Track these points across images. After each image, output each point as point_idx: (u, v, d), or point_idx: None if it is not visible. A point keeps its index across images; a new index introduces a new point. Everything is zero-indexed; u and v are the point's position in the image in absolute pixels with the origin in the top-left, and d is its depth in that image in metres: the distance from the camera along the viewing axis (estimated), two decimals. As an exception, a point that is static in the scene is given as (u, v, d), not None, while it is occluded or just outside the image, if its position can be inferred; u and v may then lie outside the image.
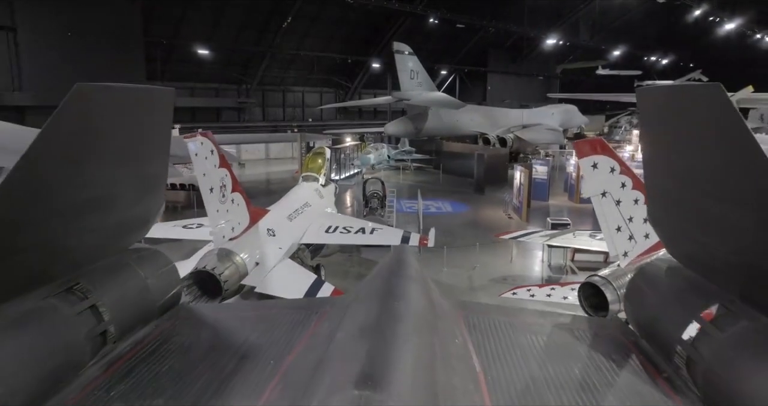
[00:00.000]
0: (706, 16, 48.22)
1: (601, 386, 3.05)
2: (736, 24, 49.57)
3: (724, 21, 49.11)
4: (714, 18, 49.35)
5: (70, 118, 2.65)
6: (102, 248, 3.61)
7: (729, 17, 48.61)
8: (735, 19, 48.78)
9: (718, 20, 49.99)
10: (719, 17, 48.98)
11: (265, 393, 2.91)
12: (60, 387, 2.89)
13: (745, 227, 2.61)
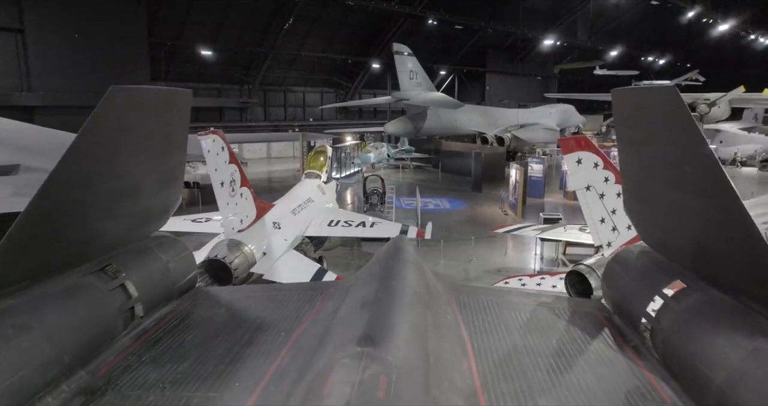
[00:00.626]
0: (700, 17, 48.88)
1: (575, 353, 3.35)
2: (730, 25, 50.20)
3: (718, 22, 49.73)
4: (707, 19, 50.01)
5: (104, 117, 2.91)
6: (129, 234, 3.96)
7: (722, 19, 49.24)
8: (728, 20, 49.39)
9: (711, 22, 50.63)
10: (712, 19, 49.62)
11: (278, 358, 3.19)
12: (99, 352, 3.25)
13: (699, 213, 2.94)
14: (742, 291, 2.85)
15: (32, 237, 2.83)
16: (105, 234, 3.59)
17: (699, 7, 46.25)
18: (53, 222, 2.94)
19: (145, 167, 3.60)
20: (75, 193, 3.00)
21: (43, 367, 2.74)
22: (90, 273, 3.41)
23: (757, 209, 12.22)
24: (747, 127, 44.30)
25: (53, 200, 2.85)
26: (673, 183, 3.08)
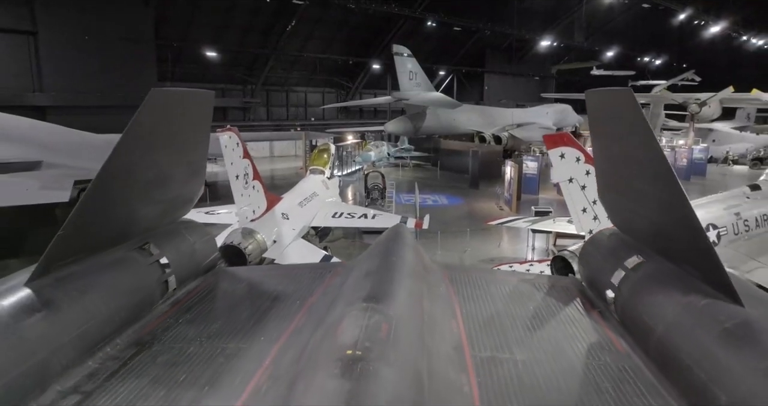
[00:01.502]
0: (692, 19, 49.81)
1: (548, 316, 3.87)
2: (722, 27, 51.11)
3: (710, 24, 50.65)
4: (699, 21, 50.92)
5: (145, 115, 3.26)
6: (161, 218, 4.38)
7: (714, 20, 50.15)
8: (720, 22, 50.30)
9: (703, 23, 51.54)
10: (704, 20, 50.53)
11: (295, 319, 3.65)
12: (142, 315, 3.73)
13: (652, 198, 3.40)
14: (684, 260, 3.30)
15: (88, 219, 3.29)
16: (142, 217, 4.04)
17: (690, 9, 47.17)
18: (104, 206, 3.38)
19: (175, 160, 4.02)
20: (120, 182, 3.42)
21: (101, 323, 3.26)
22: (132, 249, 3.89)
23: (729, 201, 13.20)
24: (739, 127, 45.20)
25: (104, 188, 3.27)
26: (633, 173, 3.57)
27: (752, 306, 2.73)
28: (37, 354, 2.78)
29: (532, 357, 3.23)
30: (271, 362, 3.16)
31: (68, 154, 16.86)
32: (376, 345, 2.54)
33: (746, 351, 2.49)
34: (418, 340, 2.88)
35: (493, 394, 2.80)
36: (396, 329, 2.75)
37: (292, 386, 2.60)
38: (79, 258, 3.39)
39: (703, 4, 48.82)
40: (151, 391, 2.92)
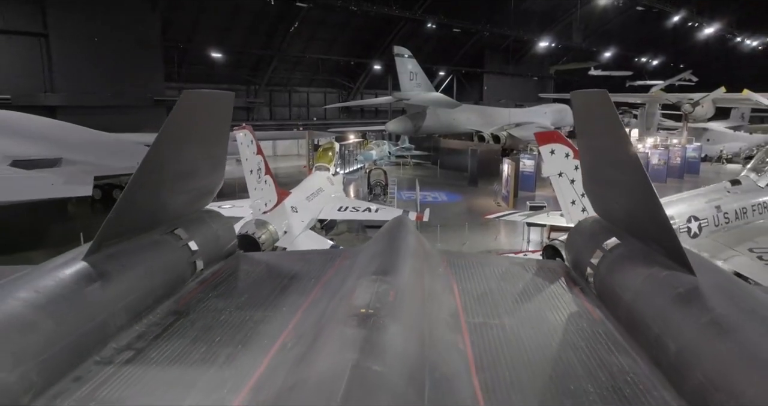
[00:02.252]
0: (686, 21, 50.71)
1: (535, 292, 4.23)
2: (717, 28, 52.02)
3: (704, 26, 51.56)
4: (693, 23, 51.80)
5: (178, 114, 3.57)
6: (188, 207, 4.69)
7: (708, 22, 51.07)
8: (714, 23, 51.21)
9: (696, 25, 52.44)
10: (697, 22, 51.43)
11: (312, 293, 4.00)
12: (175, 291, 4.05)
13: (625, 187, 3.77)
14: (651, 240, 3.70)
15: (130, 205, 3.66)
16: (172, 205, 4.36)
17: (684, 11, 48.07)
18: (143, 195, 3.75)
19: (200, 154, 4.33)
20: (156, 174, 3.78)
21: (144, 294, 3.65)
22: (165, 233, 4.23)
23: (711, 195, 14.05)
24: (734, 126, 46.03)
25: (143, 179, 3.60)
26: (610, 166, 3.96)
27: (702, 274, 3.18)
28: (96, 317, 3.20)
29: (518, 323, 3.62)
30: (295, 325, 3.52)
31: (85, 152, 17.71)
32: (385, 306, 2.90)
33: (692, 309, 2.91)
34: (420, 306, 3.26)
35: (484, 350, 3.17)
36: (401, 296, 3.12)
37: (314, 340, 2.92)
38: (123, 239, 3.78)
39: (698, 6, 49.75)
40: (192, 348, 3.30)
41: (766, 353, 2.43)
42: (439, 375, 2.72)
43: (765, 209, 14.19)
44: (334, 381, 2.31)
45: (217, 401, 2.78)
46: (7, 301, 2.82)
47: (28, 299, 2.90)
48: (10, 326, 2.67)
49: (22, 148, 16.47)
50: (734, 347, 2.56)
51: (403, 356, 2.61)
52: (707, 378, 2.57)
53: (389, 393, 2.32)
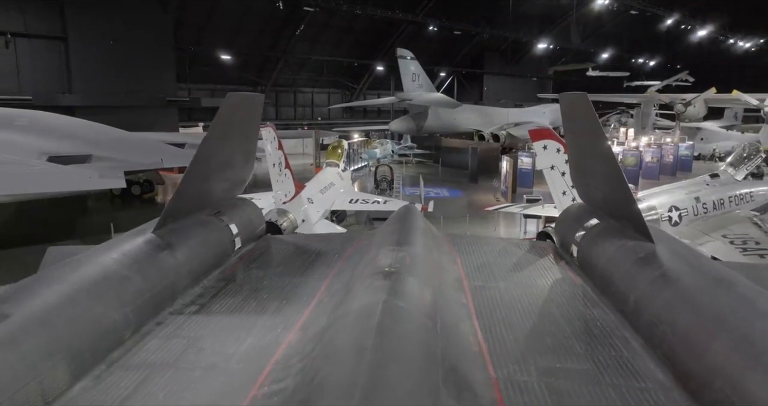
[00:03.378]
0: (680, 24, 52.10)
1: (528, 264, 4.79)
2: (710, 31, 53.42)
3: (697, 28, 52.94)
4: (686, 26, 53.19)
5: (223, 113, 4.13)
6: (226, 193, 5.25)
7: (700, 25, 52.45)
8: (707, 26, 52.60)
9: (689, 28, 53.84)
10: (690, 25, 52.82)
11: (339, 264, 4.59)
12: (221, 263, 4.66)
13: (602, 176, 4.40)
14: (623, 218, 4.28)
15: (185, 190, 4.27)
16: (215, 191, 4.96)
17: (677, 14, 49.43)
18: (195, 182, 4.38)
19: (236, 148, 4.88)
20: (204, 164, 4.35)
21: (200, 263, 4.23)
22: (210, 215, 4.76)
23: (691, 187, 15.33)
24: (727, 126, 47.27)
25: (195, 168, 4.19)
26: (591, 158, 4.59)
27: (659, 243, 3.82)
28: (168, 277, 3.76)
29: (512, 286, 4.22)
30: (327, 286, 4.04)
31: (112, 149, 19.02)
32: (403, 266, 3.40)
33: (648, 268, 3.48)
34: (430, 270, 3.77)
35: (483, 304, 3.73)
36: (415, 260, 3.62)
37: (347, 292, 3.41)
38: (180, 217, 4.34)
39: (690, 9, 51.07)
40: (244, 304, 3.84)
41: (700, 295, 3.03)
42: (447, 319, 3.17)
43: (741, 200, 15.46)
44: (369, 314, 2.78)
45: (272, 339, 3.28)
46: (106, 261, 3.48)
47: (120, 260, 3.54)
48: (114, 279, 3.34)
49: (56, 145, 17.79)
50: (676, 292, 3.15)
51: (420, 299, 3.10)
52: (655, 316, 3.14)
53: (412, 323, 2.82)
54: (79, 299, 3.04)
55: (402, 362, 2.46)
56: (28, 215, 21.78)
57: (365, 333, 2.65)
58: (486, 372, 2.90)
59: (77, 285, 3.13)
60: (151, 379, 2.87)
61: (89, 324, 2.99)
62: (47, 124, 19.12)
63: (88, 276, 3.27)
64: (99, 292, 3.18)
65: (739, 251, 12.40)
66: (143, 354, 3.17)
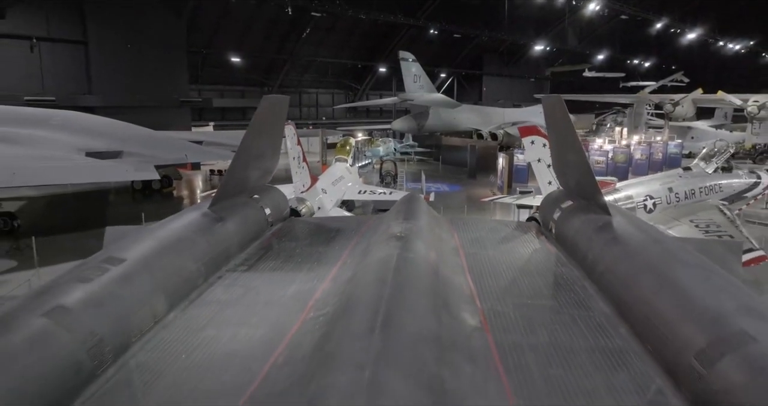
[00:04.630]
0: (669, 27, 53.94)
1: (513, 239, 5.54)
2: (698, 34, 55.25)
3: (686, 31, 54.81)
4: (676, 29, 55.07)
5: (259, 113, 4.92)
6: (258, 180, 5.94)
7: (690, 28, 54.32)
8: (696, 29, 54.49)
9: (679, 31, 55.70)
10: (680, 29, 54.69)
11: (354, 239, 5.23)
12: (258, 238, 5.35)
13: (574, 164, 5.19)
14: (589, 198, 5.04)
15: (231, 176, 5.16)
16: (251, 179, 5.69)
17: (666, 18, 51.25)
18: (238, 170, 5.18)
19: (267, 143, 5.64)
20: (245, 154, 5.18)
21: (243, 236, 4.96)
22: (248, 198, 5.55)
23: (665, 179, 17.08)
24: (717, 125, 48.88)
25: (239, 159, 5.05)
26: (566, 150, 5.39)
27: (614, 215, 4.64)
28: (222, 244, 4.54)
29: (499, 253, 4.96)
30: (349, 251, 4.81)
31: (140, 146, 20.76)
32: (412, 233, 4.15)
33: (603, 234, 4.28)
34: (433, 237, 4.54)
35: (474, 266, 4.50)
36: (420, 230, 4.39)
37: (367, 252, 4.08)
38: (226, 198, 5.11)
39: (680, 13, 52.87)
40: (283, 265, 4.63)
41: (642, 251, 3.79)
42: (445, 270, 3.93)
43: (710, 190, 17.21)
44: (387, 261, 3.54)
45: (311, 286, 3.98)
46: (179, 228, 4.34)
47: (189, 227, 4.38)
48: (187, 241, 4.19)
49: (90, 142, 19.53)
50: (621, 250, 3.92)
51: (425, 255, 3.84)
52: (605, 268, 3.90)
53: (419, 269, 3.57)
54: (167, 253, 3.93)
55: (413, 292, 3.21)
56: (57, 208, 23.58)
57: (385, 273, 3.36)
58: (474, 304, 3.67)
59: (164, 243, 4.05)
60: (223, 311, 3.73)
61: (176, 271, 3.89)
62: (79, 123, 20.84)
63: (170, 237, 4.18)
64: (180, 249, 4.06)
65: (702, 233, 14.15)
66: (214, 296, 3.97)
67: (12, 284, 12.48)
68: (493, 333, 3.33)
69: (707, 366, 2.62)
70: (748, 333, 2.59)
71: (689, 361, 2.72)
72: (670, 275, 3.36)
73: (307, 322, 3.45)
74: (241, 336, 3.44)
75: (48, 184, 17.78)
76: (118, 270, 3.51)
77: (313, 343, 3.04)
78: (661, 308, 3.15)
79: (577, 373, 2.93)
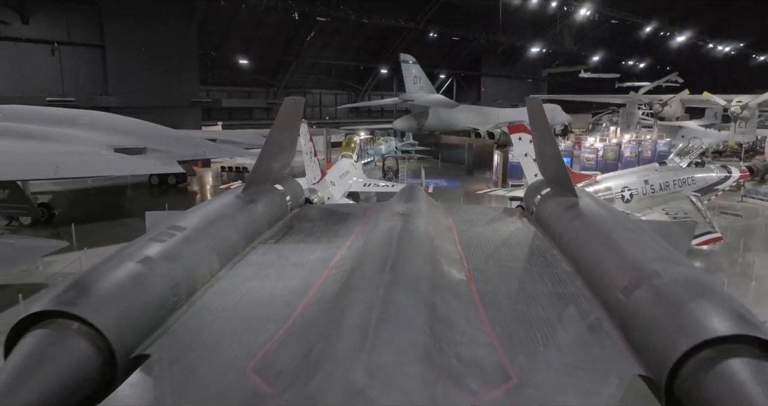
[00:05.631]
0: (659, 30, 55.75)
1: (500, 220, 6.11)
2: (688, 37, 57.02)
3: (675, 34, 56.62)
4: (665, 33, 56.88)
5: (281, 113, 5.70)
6: (278, 171, 6.50)
7: (679, 31, 56.13)
8: (685, 32, 56.28)
9: (669, 35, 57.51)
10: (670, 31, 56.51)
11: (363, 220, 5.74)
12: (281, 218, 5.96)
13: (551, 156, 5.80)
14: (562, 184, 5.63)
15: (258, 167, 5.80)
16: (273, 169, 6.24)
17: (656, 22, 53.03)
18: (263, 162, 5.86)
19: (286, 138, 6.28)
20: (269, 149, 5.85)
21: (271, 215, 5.61)
22: (271, 185, 6.09)
23: (642, 172, 18.80)
24: (707, 124, 50.57)
25: (265, 152, 5.75)
26: (544, 144, 6.14)
27: (580, 197, 5.27)
28: (255, 222, 5.17)
29: (487, 230, 5.59)
30: (360, 228, 5.40)
31: (162, 143, 22.50)
32: (412, 212, 4.93)
33: (569, 212, 4.94)
34: (430, 217, 5.27)
35: (464, 238, 5.14)
36: (420, 211, 5.16)
37: (375, 226, 4.79)
38: (255, 184, 5.75)
39: (669, 17, 54.61)
40: (305, 238, 5.29)
41: (596, 223, 4.56)
42: (440, 240, 4.73)
43: (683, 183, 18.92)
44: (392, 230, 4.34)
45: (330, 253, 4.70)
46: (219, 207, 5.00)
47: (228, 206, 5.08)
48: (228, 216, 4.83)
49: (117, 139, 21.25)
50: (582, 224, 4.64)
51: (424, 229, 4.60)
52: (570, 239, 4.61)
53: (419, 238, 4.38)
54: (215, 225, 4.67)
55: (413, 252, 3.94)
56: (83, 201, 25.34)
57: (391, 239, 4.13)
58: (462, 265, 4.45)
59: (211, 217, 4.83)
60: (262, 270, 4.51)
61: (222, 239, 4.62)
62: (105, 121, 22.57)
63: (215, 213, 4.94)
64: (223, 222, 4.76)
65: (670, 219, 15.90)
66: (252, 260, 4.72)
67: (63, 263, 14.24)
68: (476, 284, 4.17)
69: (627, 296, 3.50)
70: (657, 272, 3.68)
71: (617, 295, 3.60)
72: (614, 238, 4.24)
73: (330, 276, 4.27)
74: (280, 286, 4.33)
75: (85, 177, 19.51)
76: (182, 235, 4.43)
77: (337, 287, 3.85)
78: (603, 263, 4.02)
79: (537, 309, 3.81)
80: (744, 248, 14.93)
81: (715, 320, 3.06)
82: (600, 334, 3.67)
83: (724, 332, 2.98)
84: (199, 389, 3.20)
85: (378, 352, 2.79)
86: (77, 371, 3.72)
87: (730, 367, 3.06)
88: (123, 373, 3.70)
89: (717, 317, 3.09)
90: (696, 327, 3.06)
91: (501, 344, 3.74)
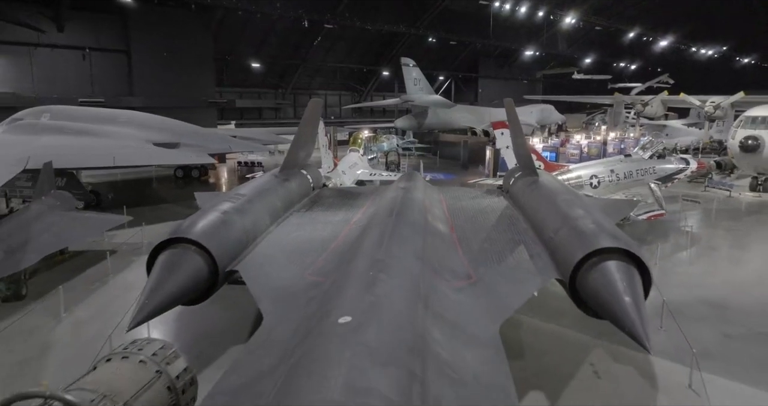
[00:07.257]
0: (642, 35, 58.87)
1: (482, 198, 10.80)
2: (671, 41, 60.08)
3: (659, 39, 59.81)
4: (648, 38, 60.07)
5: (306, 112, 11.33)
6: (302, 159, 10.83)
7: (662, 36, 59.27)
8: (667, 36, 59.39)
9: (652, 40, 60.67)
10: (653, 36, 59.69)
11: (371, 197, 10.55)
12: (307, 195, 10.95)
13: (521, 148, 11.50)
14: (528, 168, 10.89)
15: (290, 155, 10.67)
16: (299, 157, 10.65)
17: (639, 27, 56.15)
18: (293, 151, 11.00)
19: (309, 132, 11.22)
20: (298, 140, 10.87)
21: (301, 192, 10.72)
22: (299, 170, 10.68)
23: (609, 163, 21.87)
24: (691, 123, 53.54)
25: (294, 144, 10.94)
26: (517, 137, 11.83)
27: (540, 176, 10.08)
28: (289, 195, 9.44)
29: (470, 204, 9.86)
30: (370, 202, 9.92)
31: (193, 138, 25.56)
32: (412, 187, 9.91)
33: (531, 187, 9.23)
34: (426, 192, 10.37)
35: (451, 208, 9.52)
36: (417, 188, 10.11)
37: (381, 198, 9.39)
38: (287, 167, 10.15)
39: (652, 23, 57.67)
40: (328, 209, 9.45)
41: (545, 194, 8.55)
42: (431, 205, 9.07)
43: (645, 172, 21.95)
44: (395, 198, 9.00)
45: (349, 217, 8.68)
46: (264, 183, 9.09)
47: (271, 182, 9.30)
48: (272, 189, 9.01)
49: (154, 135, 24.32)
50: (538, 193, 8.62)
51: (420, 199, 9.09)
52: (527, 205, 8.72)
53: (416, 203, 8.69)
54: (263, 194, 8.37)
55: (411, 211, 7.99)
56: (121, 190, 28.41)
57: (394, 203, 8.03)
58: (447, 222, 8.35)
59: (260, 189, 8.58)
60: (300, 228, 8.25)
61: (270, 204, 8.21)
62: (141, 120, 25.59)
63: (262, 186, 8.68)
64: (268, 193, 8.41)
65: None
66: (290, 221, 8.17)
67: (126, 235, 17.29)
68: (456, 232, 7.37)
69: (555, 234, 6.70)
70: (576, 218, 6.73)
71: (549, 234, 6.74)
72: (556, 202, 7.32)
73: (351, 229, 7.34)
74: (317, 232, 7.52)
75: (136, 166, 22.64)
76: (244, 199, 7.64)
77: (357, 235, 6.89)
78: (546, 216, 7.16)
79: (496, 244, 7.02)
80: (685, 224, 18.00)
81: (599, 238, 6.25)
82: (535, 257, 6.94)
83: (604, 245, 6.17)
84: (275, 289, 6.17)
85: (388, 253, 5.63)
86: (193, 278, 7.00)
87: (607, 267, 6.31)
88: (222, 281, 6.94)
89: (601, 237, 6.29)
90: (589, 243, 6.21)
91: (468, 262, 6.96)
